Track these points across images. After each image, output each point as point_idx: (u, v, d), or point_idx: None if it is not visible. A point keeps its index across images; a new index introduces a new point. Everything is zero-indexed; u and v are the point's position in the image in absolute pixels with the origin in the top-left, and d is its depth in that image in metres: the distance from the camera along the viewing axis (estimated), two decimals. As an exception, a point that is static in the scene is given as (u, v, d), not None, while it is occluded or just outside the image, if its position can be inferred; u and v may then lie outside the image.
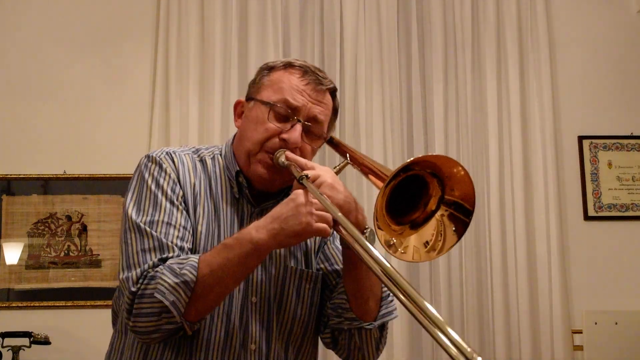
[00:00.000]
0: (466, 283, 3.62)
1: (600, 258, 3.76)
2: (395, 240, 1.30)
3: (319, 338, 1.61)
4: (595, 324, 3.52)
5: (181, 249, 1.43)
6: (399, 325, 3.51)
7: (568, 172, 3.83)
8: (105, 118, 3.72)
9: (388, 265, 1.12)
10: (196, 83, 3.67)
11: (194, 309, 1.35)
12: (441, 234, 1.32)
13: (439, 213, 1.32)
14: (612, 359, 3.47)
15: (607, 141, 3.88)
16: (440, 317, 0.96)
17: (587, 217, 3.80)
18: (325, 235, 1.36)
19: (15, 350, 3.24)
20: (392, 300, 1.54)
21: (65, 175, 3.66)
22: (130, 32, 3.81)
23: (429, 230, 1.32)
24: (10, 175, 3.65)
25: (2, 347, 3.24)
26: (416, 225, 1.33)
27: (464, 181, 1.30)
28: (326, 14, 3.81)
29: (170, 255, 1.40)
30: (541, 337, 3.57)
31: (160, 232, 1.42)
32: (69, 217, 3.64)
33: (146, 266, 1.38)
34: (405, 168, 1.26)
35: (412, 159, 1.26)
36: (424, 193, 1.33)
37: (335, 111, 1.60)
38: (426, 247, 1.31)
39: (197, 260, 1.35)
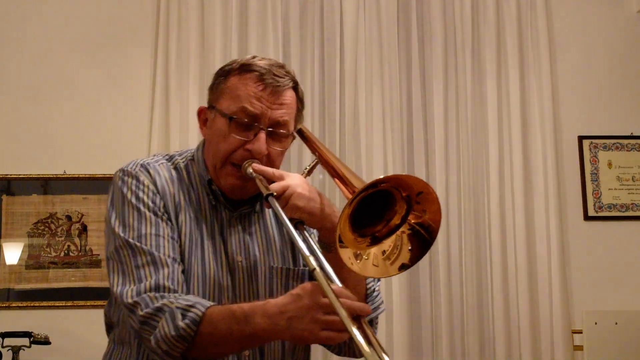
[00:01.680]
0: (466, 283, 3.61)
1: (600, 258, 3.76)
2: (360, 251, 1.31)
3: None
4: (595, 324, 3.52)
5: (174, 260, 1.42)
6: (399, 325, 3.51)
7: (568, 172, 3.83)
8: (106, 118, 3.72)
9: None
10: (196, 84, 3.67)
11: (190, 355, 1.34)
12: (397, 248, 1.31)
13: (400, 230, 1.32)
14: (612, 359, 3.46)
15: (607, 141, 3.88)
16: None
17: (587, 217, 3.80)
18: (332, 343, 1.34)
19: (15, 350, 3.24)
20: (377, 295, 1.55)
21: (65, 175, 3.65)
22: (131, 33, 3.80)
23: (387, 242, 1.32)
24: (10, 175, 3.65)
25: (2, 347, 3.24)
26: (377, 240, 1.32)
27: (434, 206, 1.28)
28: (326, 14, 3.81)
29: (166, 271, 1.39)
30: (541, 337, 3.57)
31: (151, 245, 1.42)
32: (69, 217, 3.63)
33: (142, 286, 1.37)
34: (374, 184, 1.26)
35: (383, 176, 1.26)
36: (389, 208, 1.32)
37: (301, 102, 1.56)
38: (383, 255, 1.31)
39: (201, 314, 1.31)
